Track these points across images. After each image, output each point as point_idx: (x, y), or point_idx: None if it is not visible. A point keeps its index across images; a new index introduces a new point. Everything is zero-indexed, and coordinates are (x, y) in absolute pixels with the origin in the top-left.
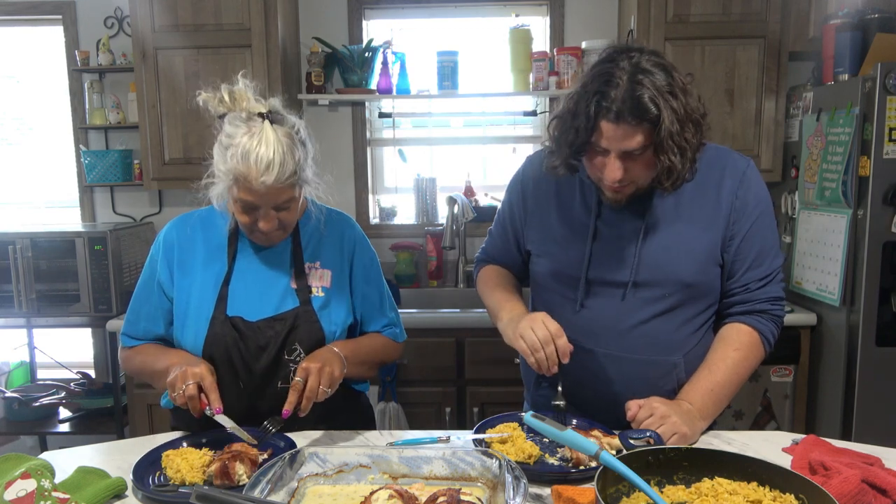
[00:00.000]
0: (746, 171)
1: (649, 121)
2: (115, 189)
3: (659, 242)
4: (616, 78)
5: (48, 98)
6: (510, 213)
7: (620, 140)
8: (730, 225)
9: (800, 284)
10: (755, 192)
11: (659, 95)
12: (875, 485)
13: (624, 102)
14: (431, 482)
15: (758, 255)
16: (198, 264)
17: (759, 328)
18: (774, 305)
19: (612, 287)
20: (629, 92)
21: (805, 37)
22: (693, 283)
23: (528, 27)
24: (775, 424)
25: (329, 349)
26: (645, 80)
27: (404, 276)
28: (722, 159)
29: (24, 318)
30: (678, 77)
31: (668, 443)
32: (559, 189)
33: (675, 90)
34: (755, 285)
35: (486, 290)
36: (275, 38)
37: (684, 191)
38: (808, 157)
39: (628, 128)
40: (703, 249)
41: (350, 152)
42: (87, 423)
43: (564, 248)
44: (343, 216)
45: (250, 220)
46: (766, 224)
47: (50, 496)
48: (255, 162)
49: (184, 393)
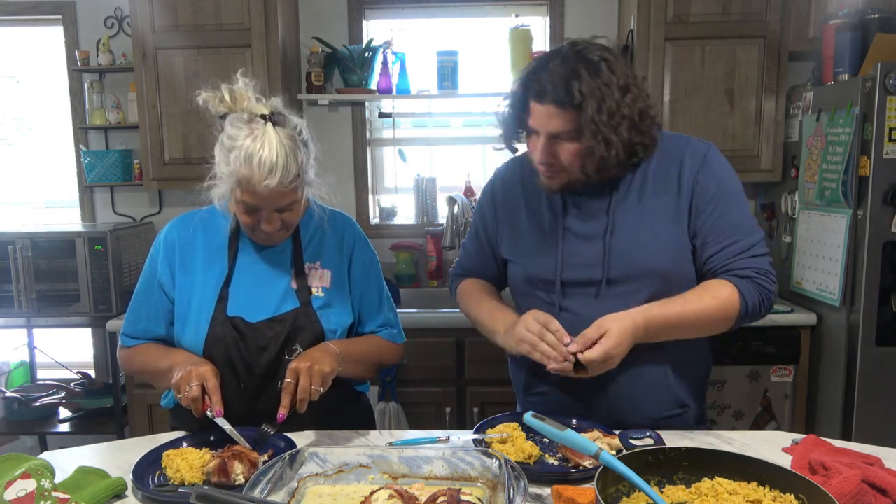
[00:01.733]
0: (707, 154)
1: (573, 105)
2: (115, 189)
3: (626, 236)
4: (551, 62)
5: (48, 98)
6: (483, 223)
7: (546, 120)
8: (694, 210)
9: (800, 284)
10: (716, 174)
11: (587, 84)
12: (875, 485)
13: (552, 85)
14: (431, 482)
15: (731, 234)
16: (198, 264)
17: (739, 287)
18: (759, 275)
19: (586, 286)
20: (558, 76)
21: (805, 37)
22: (665, 273)
23: (528, 27)
24: (775, 424)
25: (321, 347)
26: (578, 68)
27: (404, 276)
28: (681, 147)
29: (24, 318)
30: (624, 74)
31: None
32: (527, 194)
33: (611, 85)
34: (737, 258)
35: (471, 305)
36: (275, 38)
37: (646, 182)
38: (808, 157)
39: (552, 109)
40: (671, 237)
41: (350, 152)
42: (87, 423)
43: (536, 253)
44: (344, 216)
45: (252, 220)
46: (733, 202)
47: (50, 496)
48: (258, 165)
49: (188, 394)
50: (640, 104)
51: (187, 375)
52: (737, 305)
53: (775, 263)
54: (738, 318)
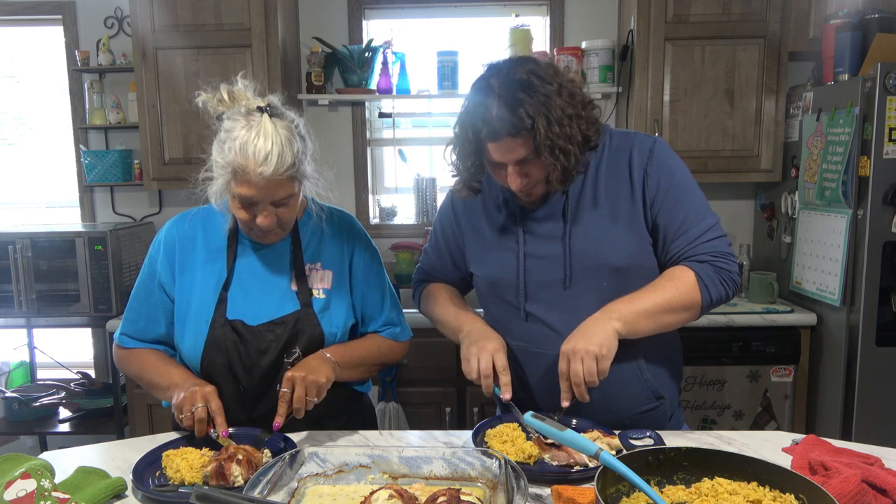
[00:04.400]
0: (653, 147)
1: (526, 129)
2: (115, 189)
3: (585, 235)
4: (490, 99)
5: (48, 98)
6: (444, 236)
7: (508, 153)
8: (648, 203)
9: (800, 284)
10: (666, 165)
11: (529, 105)
12: (875, 485)
13: (499, 122)
14: (431, 482)
15: (685, 222)
16: (198, 264)
17: (696, 270)
18: (716, 258)
19: (550, 288)
20: (501, 111)
21: (805, 37)
22: (625, 266)
23: (528, 27)
24: (775, 424)
25: (318, 356)
26: (517, 94)
27: (404, 276)
28: (629, 142)
29: (24, 318)
30: (549, 75)
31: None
32: (485, 203)
33: (548, 93)
34: (692, 244)
35: (435, 307)
36: (275, 38)
37: (599, 180)
38: (808, 157)
39: (510, 142)
40: (628, 230)
41: (350, 152)
42: (87, 423)
43: (498, 259)
44: (344, 215)
45: (249, 216)
46: (685, 191)
47: (50, 496)
48: (253, 153)
49: (192, 415)
50: (577, 96)
51: (191, 396)
52: (697, 289)
53: (776, 263)
54: (703, 301)
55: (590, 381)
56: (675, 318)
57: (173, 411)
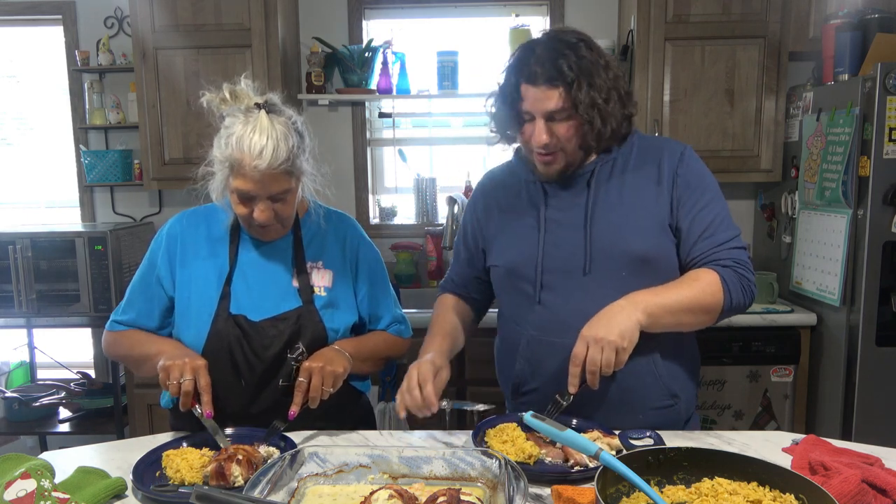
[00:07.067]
0: (685, 151)
1: (565, 82)
2: (115, 189)
3: (607, 223)
4: (535, 46)
5: (48, 98)
6: (472, 232)
7: (541, 101)
8: (676, 202)
9: (800, 284)
10: (696, 170)
11: (573, 60)
12: (875, 485)
13: (541, 67)
14: (431, 482)
15: (712, 226)
16: (199, 257)
17: (720, 273)
18: (739, 265)
19: (569, 276)
20: (544, 56)
21: (805, 37)
22: (646, 256)
23: (528, 27)
24: (775, 424)
25: (332, 348)
26: (561, 47)
27: (404, 276)
28: (659, 145)
29: (24, 318)
30: (600, 54)
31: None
32: (507, 195)
33: (596, 61)
34: (717, 248)
35: (431, 320)
36: (275, 38)
37: (625, 178)
38: (808, 157)
39: (546, 88)
40: (651, 222)
41: (350, 152)
42: (87, 423)
43: (518, 247)
44: (344, 217)
45: (247, 210)
46: (714, 197)
47: (50, 496)
48: (248, 147)
49: (179, 384)
50: (620, 80)
51: (181, 365)
52: (721, 292)
53: (776, 263)
54: (724, 305)
55: (605, 372)
56: (694, 318)
57: (159, 373)
